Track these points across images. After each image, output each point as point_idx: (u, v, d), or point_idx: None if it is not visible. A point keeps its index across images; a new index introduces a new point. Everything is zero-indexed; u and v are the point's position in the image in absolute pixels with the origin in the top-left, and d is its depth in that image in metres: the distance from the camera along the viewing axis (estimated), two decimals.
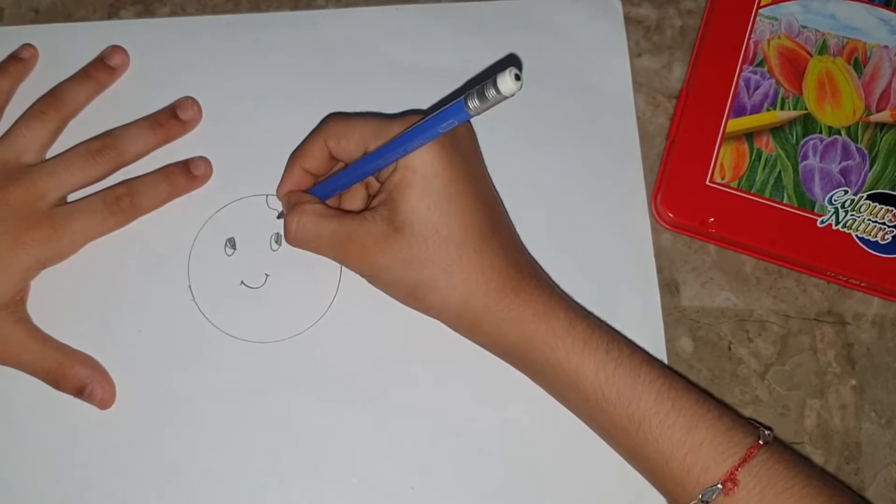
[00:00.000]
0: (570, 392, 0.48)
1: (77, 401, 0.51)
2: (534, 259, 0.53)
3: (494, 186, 0.53)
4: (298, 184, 0.52)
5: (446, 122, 0.43)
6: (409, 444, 0.52)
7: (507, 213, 0.53)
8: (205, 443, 0.52)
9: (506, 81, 0.38)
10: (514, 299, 0.48)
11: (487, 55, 0.57)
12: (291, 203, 0.51)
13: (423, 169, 0.46)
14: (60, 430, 0.52)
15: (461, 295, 0.48)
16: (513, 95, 0.39)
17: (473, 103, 0.40)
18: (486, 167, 0.52)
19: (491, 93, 0.39)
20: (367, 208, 0.51)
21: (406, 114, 0.52)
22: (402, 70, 0.57)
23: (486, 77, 0.56)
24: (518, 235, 0.53)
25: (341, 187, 0.51)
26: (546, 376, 0.49)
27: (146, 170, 0.55)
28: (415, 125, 0.46)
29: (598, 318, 0.50)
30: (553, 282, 0.52)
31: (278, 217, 0.55)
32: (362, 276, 0.50)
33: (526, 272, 0.49)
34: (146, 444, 0.52)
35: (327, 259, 0.50)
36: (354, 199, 0.52)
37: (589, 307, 0.53)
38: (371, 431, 0.52)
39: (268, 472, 0.52)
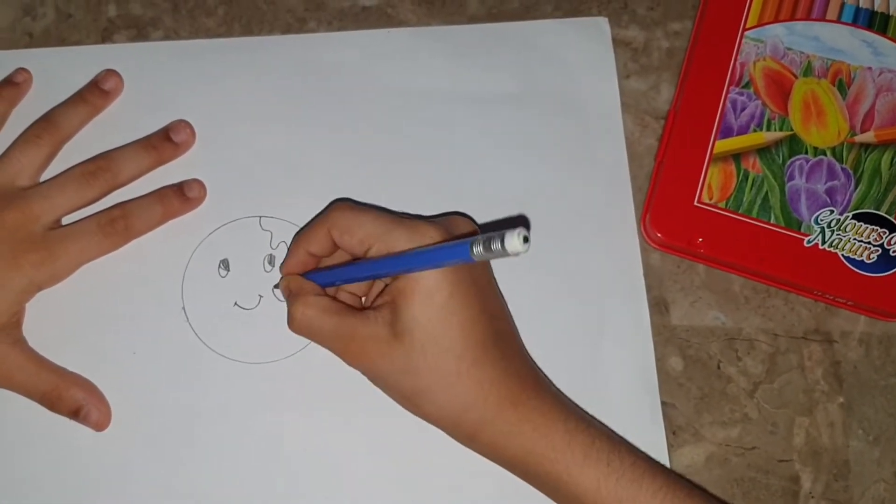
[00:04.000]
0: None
1: (72, 423, 0.52)
2: (535, 365, 0.52)
3: (500, 293, 0.52)
4: (303, 263, 0.51)
5: (450, 261, 0.43)
6: (401, 466, 0.52)
7: (512, 319, 0.53)
8: (199, 463, 0.52)
9: (513, 242, 0.37)
10: (513, 413, 0.47)
11: (478, 77, 0.58)
12: (293, 291, 0.50)
13: (426, 281, 0.46)
14: (56, 452, 0.52)
15: (458, 407, 0.47)
16: (517, 255, 0.37)
17: (478, 250, 0.39)
18: (492, 273, 0.52)
19: (496, 247, 0.37)
20: (368, 300, 0.52)
21: (407, 214, 0.53)
22: (394, 92, 0.58)
23: (482, 101, 0.57)
24: (521, 341, 0.52)
25: (342, 282, 0.50)
26: (548, 488, 0.48)
27: (140, 192, 0.55)
28: (419, 250, 0.45)
29: (599, 424, 0.50)
30: (554, 387, 0.52)
31: (275, 287, 0.54)
32: (362, 373, 0.49)
33: (527, 383, 0.49)
34: (141, 465, 0.52)
35: None
36: (358, 285, 0.52)
37: (579, 327, 0.54)
38: (363, 453, 0.52)
39: (260, 492, 0.52)
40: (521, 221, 0.56)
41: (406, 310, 0.46)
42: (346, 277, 0.49)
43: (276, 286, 0.54)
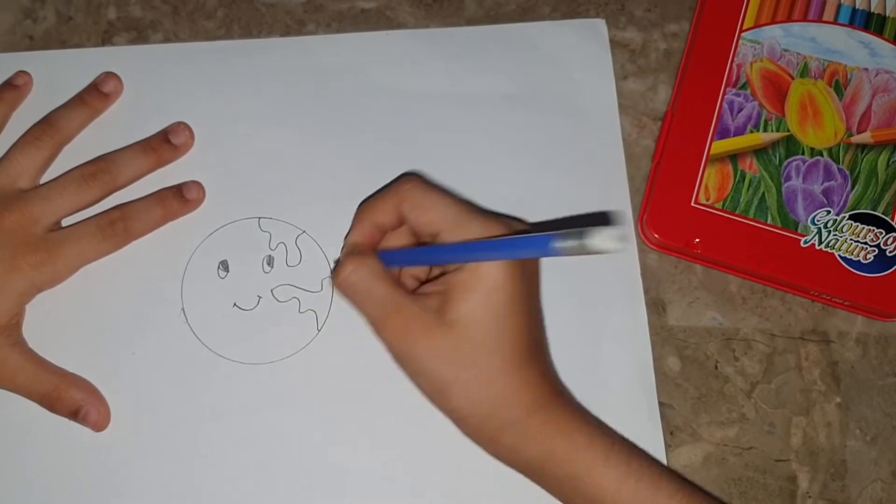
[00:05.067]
0: None
1: (72, 423, 0.52)
2: (554, 368, 0.53)
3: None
4: (368, 236, 0.50)
5: (530, 251, 0.42)
6: (401, 466, 0.52)
7: (545, 329, 0.53)
8: (198, 464, 0.52)
9: (604, 240, 0.35)
10: (541, 416, 0.47)
11: (476, 79, 0.58)
12: (355, 253, 0.49)
13: (489, 278, 0.46)
14: (55, 453, 0.52)
15: (492, 406, 0.47)
16: (599, 253, 0.35)
17: (564, 245, 0.37)
18: (541, 286, 0.52)
19: (584, 243, 0.36)
20: (419, 285, 0.51)
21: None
22: (392, 94, 0.58)
23: (480, 103, 0.57)
24: (549, 351, 0.53)
25: (404, 265, 0.50)
26: (565, 490, 0.48)
27: (139, 194, 0.55)
28: (497, 238, 0.45)
29: (616, 432, 0.50)
30: (573, 396, 0.52)
31: (325, 279, 0.54)
32: (394, 355, 0.48)
33: (555, 388, 0.49)
34: (141, 465, 0.52)
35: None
36: (415, 270, 0.51)
37: (576, 328, 0.54)
38: (363, 452, 0.53)
39: (261, 493, 0.52)
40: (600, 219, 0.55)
41: (463, 303, 0.46)
42: (411, 261, 0.49)
43: (331, 273, 0.53)
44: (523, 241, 0.42)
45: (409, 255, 0.49)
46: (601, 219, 0.56)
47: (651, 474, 0.47)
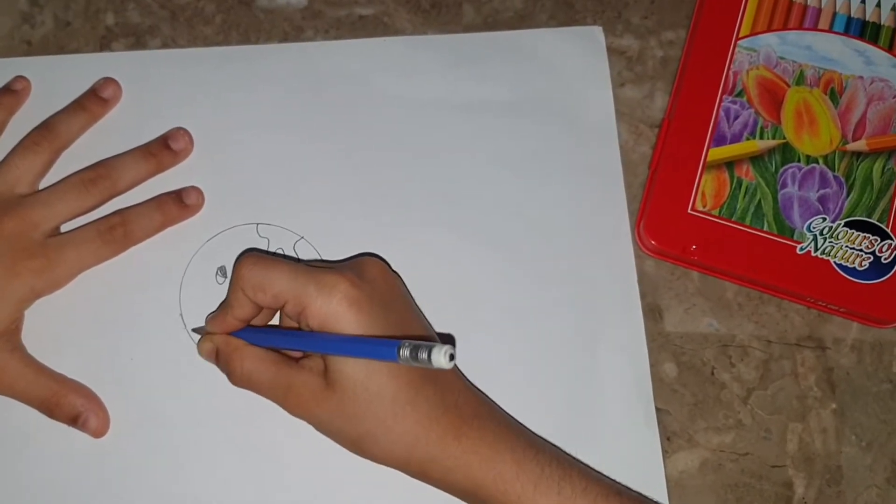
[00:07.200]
0: None
1: (71, 429, 0.52)
2: (474, 389, 0.52)
3: (424, 316, 0.53)
4: (229, 329, 0.51)
5: (376, 357, 0.44)
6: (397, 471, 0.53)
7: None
8: (198, 470, 0.52)
9: (439, 358, 0.39)
10: (457, 447, 0.47)
11: (474, 85, 0.59)
12: (224, 349, 0.50)
13: (350, 331, 0.46)
14: (55, 459, 0.52)
15: (403, 447, 0.47)
16: (441, 369, 0.39)
17: (404, 354, 0.40)
18: (409, 295, 0.52)
19: (423, 357, 0.39)
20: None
21: (320, 263, 0.53)
22: (390, 100, 0.58)
23: (478, 110, 0.57)
24: (458, 371, 0.52)
25: (270, 346, 0.50)
26: None
27: (138, 199, 0.55)
28: (348, 339, 0.46)
29: (550, 447, 0.50)
30: (501, 412, 0.51)
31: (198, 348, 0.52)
32: (306, 422, 0.49)
33: (467, 414, 0.48)
34: (140, 471, 0.52)
35: None
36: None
37: (574, 334, 0.54)
38: (360, 457, 0.53)
39: (260, 499, 0.52)
40: (450, 340, 0.55)
41: (334, 360, 0.47)
42: (276, 344, 0.50)
43: (198, 344, 0.52)
44: (370, 347, 0.44)
45: (273, 338, 0.50)
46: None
47: (584, 498, 0.47)
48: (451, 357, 0.39)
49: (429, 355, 0.39)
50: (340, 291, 0.46)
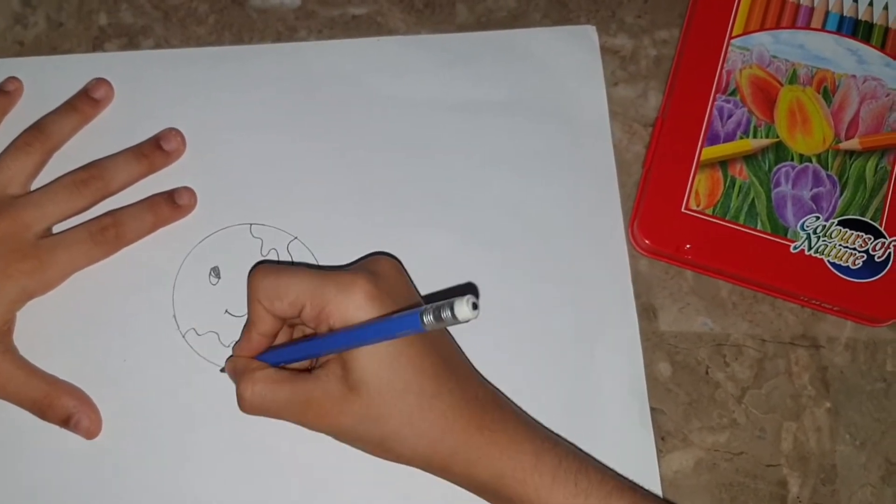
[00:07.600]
0: None
1: (63, 431, 0.52)
2: (490, 385, 0.52)
3: None
4: (256, 347, 0.50)
5: (403, 332, 0.43)
6: (393, 470, 0.52)
7: (457, 344, 0.53)
8: (191, 471, 0.52)
9: (462, 309, 0.38)
10: (480, 438, 0.47)
11: (467, 85, 0.59)
12: (240, 371, 0.49)
13: None
14: (46, 461, 0.52)
15: (428, 442, 0.47)
16: (467, 322, 0.38)
17: (428, 320, 0.40)
18: (419, 296, 0.52)
19: (447, 315, 0.39)
20: (315, 364, 0.50)
21: (336, 268, 0.51)
22: (383, 100, 0.58)
23: (471, 109, 0.57)
24: (472, 365, 0.52)
25: (291, 361, 0.50)
26: None
27: (131, 200, 0.55)
28: (370, 323, 0.45)
29: (566, 443, 0.50)
30: (516, 407, 0.52)
31: (221, 371, 0.53)
32: (328, 435, 0.49)
33: (487, 406, 0.49)
34: (132, 473, 0.52)
35: None
36: None
37: (568, 334, 0.54)
38: (355, 457, 0.52)
39: (253, 498, 0.52)
40: (470, 289, 0.55)
41: (354, 361, 0.46)
42: (298, 356, 0.49)
43: (221, 369, 0.53)
44: (394, 322, 0.43)
45: (295, 351, 0.50)
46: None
47: (600, 491, 0.47)
48: (475, 306, 0.38)
49: (452, 311, 0.38)
50: (360, 287, 0.46)
